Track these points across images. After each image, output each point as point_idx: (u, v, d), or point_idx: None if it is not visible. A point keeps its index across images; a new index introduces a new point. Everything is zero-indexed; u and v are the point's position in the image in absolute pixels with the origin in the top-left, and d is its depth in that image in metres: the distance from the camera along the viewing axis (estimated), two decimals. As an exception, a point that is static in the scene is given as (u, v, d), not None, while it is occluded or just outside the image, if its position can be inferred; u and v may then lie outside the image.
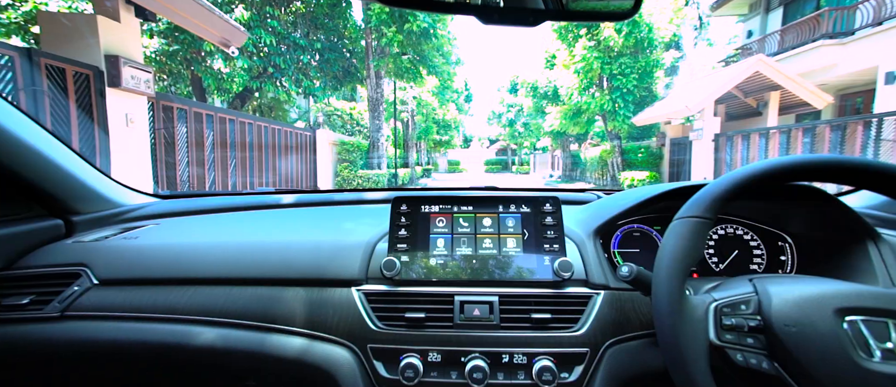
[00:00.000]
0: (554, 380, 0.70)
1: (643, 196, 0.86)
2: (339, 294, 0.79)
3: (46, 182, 0.88)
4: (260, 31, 9.24)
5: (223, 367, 0.79)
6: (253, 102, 12.20)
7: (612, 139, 15.73)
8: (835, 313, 0.53)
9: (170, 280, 0.82)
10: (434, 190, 1.26)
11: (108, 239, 0.91)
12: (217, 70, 10.21)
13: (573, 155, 22.43)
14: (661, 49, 14.29)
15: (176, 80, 10.53)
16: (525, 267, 0.80)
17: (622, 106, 14.27)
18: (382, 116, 13.13)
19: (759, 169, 0.61)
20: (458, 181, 24.17)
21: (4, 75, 3.38)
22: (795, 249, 0.89)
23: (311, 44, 10.79)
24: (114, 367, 0.81)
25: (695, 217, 0.60)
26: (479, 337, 0.74)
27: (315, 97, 12.22)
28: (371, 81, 12.54)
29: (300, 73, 10.71)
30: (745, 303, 0.58)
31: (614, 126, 15.10)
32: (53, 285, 0.80)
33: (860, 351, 0.51)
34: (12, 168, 0.81)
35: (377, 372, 0.73)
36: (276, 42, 9.67)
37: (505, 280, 0.79)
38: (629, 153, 15.74)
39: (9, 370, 0.82)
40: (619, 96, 14.16)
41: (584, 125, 17.18)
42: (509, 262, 0.81)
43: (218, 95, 11.55)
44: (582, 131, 18.23)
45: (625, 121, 14.81)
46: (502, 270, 0.80)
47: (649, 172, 14.01)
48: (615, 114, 14.41)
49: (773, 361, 0.54)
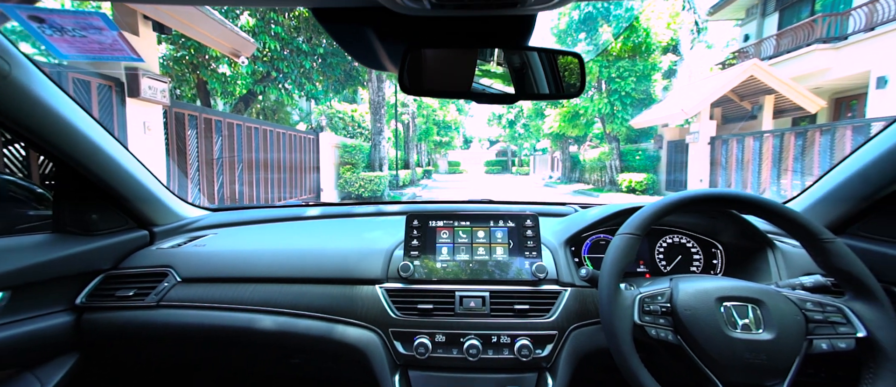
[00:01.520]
0: (530, 355, 0.93)
1: (603, 214, 1.09)
2: (366, 290, 1.02)
3: (139, 202, 1.11)
4: (264, 37, 9.48)
5: (277, 346, 1.03)
6: (256, 105, 12.44)
7: (611, 141, 15.94)
8: (715, 300, 0.76)
9: (234, 279, 1.05)
10: (439, 204, 1.49)
11: (182, 246, 1.14)
12: (221, 74, 10.45)
13: (573, 156, 22.64)
14: (658, 53, 14.51)
15: (180, 83, 10.78)
16: (510, 269, 1.03)
17: (620, 109, 14.49)
18: (384, 118, 13.34)
19: (669, 201, 0.85)
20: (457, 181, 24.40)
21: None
22: (724, 254, 1.12)
23: (314, 48, 11.02)
24: (198, 344, 1.05)
25: (628, 234, 0.83)
26: (474, 323, 0.96)
27: (317, 100, 12.46)
28: (372, 84, 12.77)
29: (303, 78, 10.95)
30: (661, 295, 0.81)
31: (612, 128, 15.32)
32: (149, 282, 1.04)
33: (728, 325, 0.74)
34: (119, 191, 1.04)
35: (397, 349, 0.96)
36: (279, 47, 9.91)
37: (494, 279, 1.02)
38: (627, 155, 15.95)
39: (124, 344, 1.06)
40: (617, 99, 14.38)
41: (582, 127, 17.39)
42: (498, 265, 1.04)
43: (222, 98, 11.78)
44: (581, 133, 18.44)
45: (623, 123, 15.04)
46: (492, 271, 1.03)
47: (646, 174, 14.21)
48: (613, 116, 14.62)
49: (676, 334, 0.77)
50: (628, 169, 15.57)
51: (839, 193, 1.01)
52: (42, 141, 0.85)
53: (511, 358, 0.94)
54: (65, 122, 0.86)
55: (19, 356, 0.90)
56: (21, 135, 0.82)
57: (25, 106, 0.79)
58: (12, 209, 0.97)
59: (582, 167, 21.10)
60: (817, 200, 1.07)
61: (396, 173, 15.79)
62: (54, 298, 0.96)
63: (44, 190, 1.16)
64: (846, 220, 1.01)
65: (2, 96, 0.75)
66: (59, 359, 0.97)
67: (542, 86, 0.75)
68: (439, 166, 37.50)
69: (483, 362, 0.94)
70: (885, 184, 0.91)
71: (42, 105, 0.81)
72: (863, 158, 0.95)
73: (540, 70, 0.75)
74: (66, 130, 0.87)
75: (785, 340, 0.72)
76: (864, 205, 0.96)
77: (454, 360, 0.94)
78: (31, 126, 0.82)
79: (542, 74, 0.75)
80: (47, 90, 0.82)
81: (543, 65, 0.75)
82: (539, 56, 0.74)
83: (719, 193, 0.85)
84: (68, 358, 0.98)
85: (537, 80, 0.76)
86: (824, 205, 1.05)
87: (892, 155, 0.88)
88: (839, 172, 1.01)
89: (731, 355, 0.72)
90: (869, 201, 0.95)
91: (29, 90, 0.78)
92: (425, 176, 24.42)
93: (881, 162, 0.91)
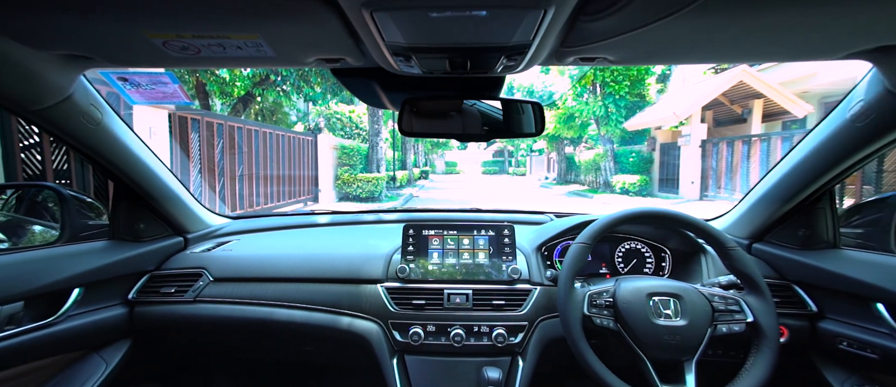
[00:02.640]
0: (505, 342, 1.14)
1: (569, 224, 1.30)
2: (369, 288, 1.22)
3: (177, 213, 1.31)
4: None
5: (294, 335, 1.23)
6: (255, 106, 12.57)
7: (605, 143, 16.18)
8: (646, 296, 0.97)
9: (258, 279, 1.25)
10: (431, 212, 1.70)
11: (212, 251, 1.34)
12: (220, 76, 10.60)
13: (568, 158, 22.89)
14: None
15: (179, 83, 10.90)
16: (490, 271, 1.23)
17: (614, 111, 14.71)
18: (381, 119, 13.50)
19: (615, 216, 1.06)
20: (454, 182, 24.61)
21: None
22: (671, 258, 1.33)
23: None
24: (227, 333, 1.25)
25: (581, 243, 1.04)
26: (459, 315, 1.17)
27: (314, 102, 12.60)
28: (371, 87, 12.93)
29: (301, 80, 11.11)
30: (606, 291, 1.01)
31: (607, 131, 15.57)
32: (186, 281, 1.24)
33: (654, 315, 0.95)
34: (163, 205, 1.24)
35: (395, 338, 1.16)
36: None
37: (476, 280, 1.22)
38: (621, 157, 16.19)
39: (167, 333, 1.26)
40: (612, 102, 14.61)
41: (577, 129, 17.61)
42: (479, 268, 1.24)
43: (220, 99, 11.92)
44: (576, 135, 18.66)
45: (617, 126, 15.27)
46: (475, 273, 1.23)
47: (640, 176, 14.46)
48: (608, 119, 14.84)
49: (617, 322, 0.97)
50: (623, 170, 15.81)
51: (757, 207, 1.22)
52: (112, 166, 1.06)
53: (489, 345, 1.14)
54: (130, 151, 1.06)
55: (90, 340, 1.10)
56: (99, 162, 1.03)
57: (108, 142, 1.00)
58: (77, 220, 1.16)
59: (577, 168, 21.34)
60: (742, 214, 1.28)
61: (393, 174, 15.96)
62: (113, 293, 1.16)
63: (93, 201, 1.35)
64: (763, 230, 1.23)
65: (96, 137, 0.96)
66: (117, 343, 1.16)
67: (510, 128, 0.96)
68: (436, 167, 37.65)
69: (466, 348, 1.14)
70: (787, 200, 1.12)
71: (119, 141, 1.02)
72: (773, 177, 1.16)
73: (509, 116, 0.96)
74: (130, 157, 1.07)
75: (695, 325, 0.93)
76: (775, 217, 1.18)
77: (442, 346, 1.15)
78: (110, 157, 1.03)
79: (510, 119, 0.96)
80: (120, 128, 1.03)
81: (511, 111, 0.96)
82: (508, 105, 0.95)
83: (653, 211, 1.07)
84: (124, 343, 1.18)
85: (507, 124, 0.96)
86: (747, 217, 1.26)
87: (790, 177, 1.09)
88: (758, 189, 1.22)
89: (656, 338, 0.93)
90: (778, 214, 1.17)
91: (111, 130, 0.99)
92: (422, 177, 24.60)
93: (784, 181, 1.12)
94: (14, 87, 0.77)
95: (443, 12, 0.58)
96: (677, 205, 11.59)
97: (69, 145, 0.97)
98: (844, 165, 0.97)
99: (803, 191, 1.06)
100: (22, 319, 0.93)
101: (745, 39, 0.68)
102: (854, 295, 1.00)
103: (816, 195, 1.08)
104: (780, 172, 1.12)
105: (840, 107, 0.94)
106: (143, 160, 1.11)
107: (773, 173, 1.15)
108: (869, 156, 0.93)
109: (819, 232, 1.12)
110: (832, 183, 1.04)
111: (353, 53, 0.75)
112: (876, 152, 0.93)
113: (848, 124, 0.91)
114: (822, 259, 1.08)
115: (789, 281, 1.14)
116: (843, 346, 1.01)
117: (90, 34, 0.67)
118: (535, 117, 0.95)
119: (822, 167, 0.99)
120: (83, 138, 0.95)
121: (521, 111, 0.95)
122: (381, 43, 0.67)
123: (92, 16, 0.59)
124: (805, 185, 1.05)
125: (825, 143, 0.98)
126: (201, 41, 0.66)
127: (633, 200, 13.22)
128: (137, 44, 0.67)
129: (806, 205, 1.11)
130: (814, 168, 1.02)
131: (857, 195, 7.48)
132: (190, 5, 0.56)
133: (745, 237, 1.29)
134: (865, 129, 0.88)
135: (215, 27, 0.62)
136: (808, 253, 1.12)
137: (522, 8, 0.56)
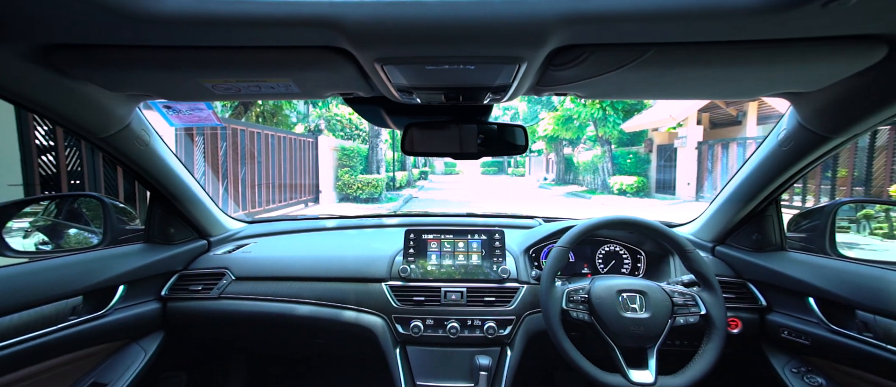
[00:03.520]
0: (495, 334, 1.29)
1: (553, 230, 1.46)
2: (375, 286, 1.37)
3: (202, 219, 1.46)
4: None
5: (308, 328, 1.38)
6: (256, 107, 12.72)
7: (603, 145, 16.34)
8: (616, 292, 1.12)
9: (275, 278, 1.40)
10: (430, 217, 1.86)
11: (233, 253, 1.49)
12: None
13: (567, 159, 23.04)
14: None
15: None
16: (482, 271, 1.39)
17: (612, 113, 14.87)
18: (381, 121, 13.63)
19: (591, 223, 1.21)
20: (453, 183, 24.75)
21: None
22: (646, 259, 1.49)
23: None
24: (249, 327, 1.40)
25: (560, 246, 1.19)
26: (455, 311, 1.32)
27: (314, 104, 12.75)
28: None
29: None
30: (582, 289, 1.17)
31: (604, 132, 15.73)
32: (212, 280, 1.39)
33: (623, 308, 1.10)
34: (191, 212, 1.40)
35: (397, 330, 1.31)
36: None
37: (470, 279, 1.37)
38: (619, 158, 16.35)
39: (195, 327, 1.42)
40: (609, 104, 14.76)
41: (575, 131, 17.76)
42: (473, 268, 1.39)
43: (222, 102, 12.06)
44: (574, 136, 18.81)
45: (614, 127, 15.43)
46: (468, 273, 1.38)
47: (637, 178, 14.62)
48: (605, 120, 15.00)
49: (591, 315, 1.13)
50: (620, 172, 15.96)
51: (717, 215, 1.38)
52: (154, 179, 1.21)
53: (481, 336, 1.30)
54: (167, 165, 1.21)
55: (131, 331, 1.25)
56: (143, 176, 1.19)
57: (153, 159, 1.16)
58: (117, 224, 1.31)
59: (576, 169, 21.50)
60: (707, 220, 1.44)
61: (393, 175, 16.10)
62: (148, 290, 1.31)
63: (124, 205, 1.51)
64: (724, 234, 1.38)
65: (144, 156, 1.12)
66: (152, 334, 1.32)
67: (500, 147, 1.12)
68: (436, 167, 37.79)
69: (461, 339, 1.30)
70: (740, 208, 1.28)
71: (160, 157, 1.18)
72: (730, 189, 1.31)
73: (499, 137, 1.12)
74: (168, 170, 1.23)
75: (657, 317, 1.09)
76: (732, 223, 1.34)
77: (440, 337, 1.30)
78: (153, 172, 1.19)
79: (500, 139, 1.12)
80: (161, 146, 1.18)
81: (501, 133, 1.11)
82: (499, 128, 1.10)
83: (625, 218, 1.22)
84: (158, 334, 1.33)
85: (496, 143, 1.12)
86: (711, 223, 1.42)
87: (742, 189, 1.25)
88: (719, 198, 1.38)
89: (623, 328, 1.08)
90: (734, 221, 1.32)
91: (155, 149, 1.15)
92: (422, 177, 24.75)
93: (737, 192, 1.27)
94: (88, 119, 0.93)
95: (439, 66, 0.74)
96: (673, 206, 11.76)
97: (122, 164, 1.13)
98: (779, 182, 1.13)
99: (752, 201, 1.22)
100: (82, 311, 1.09)
101: (687, 85, 0.84)
102: (793, 291, 1.15)
103: (764, 204, 1.23)
104: (734, 184, 1.27)
105: (773, 131, 1.10)
106: (176, 172, 1.26)
107: (729, 185, 1.31)
108: (795, 175, 1.10)
109: (768, 236, 1.27)
110: (774, 194, 1.19)
111: (364, 89, 0.90)
112: (799, 172, 1.10)
113: (777, 148, 1.07)
114: (771, 260, 1.24)
115: (744, 279, 1.30)
116: (784, 335, 1.16)
117: (157, 82, 0.83)
118: (521, 138, 1.11)
119: (764, 181, 1.15)
120: (135, 158, 1.11)
121: (509, 133, 1.10)
122: (388, 84, 0.83)
123: (162, 70, 0.75)
124: (753, 195, 1.21)
125: (765, 160, 1.14)
126: (243, 83, 0.82)
127: (630, 201, 13.39)
128: (192, 87, 0.83)
129: (757, 213, 1.27)
130: (758, 181, 1.18)
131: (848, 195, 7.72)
132: (242, 61, 0.72)
133: (710, 241, 1.45)
134: (788, 152, 1.04)
135: (257, 75, 0.78)
136: (759, 255, 1.28)
137: (502, 63, 0.72)
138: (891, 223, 1.63)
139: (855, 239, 1.19)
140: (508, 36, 0.63)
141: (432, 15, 0.59)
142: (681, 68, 0.75)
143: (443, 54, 0.69)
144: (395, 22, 0.60)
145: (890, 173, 7.05)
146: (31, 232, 1.29)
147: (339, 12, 0.59)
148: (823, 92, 0.83)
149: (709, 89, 0.90)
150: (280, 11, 0.59)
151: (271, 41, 0.67)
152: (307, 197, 11.06)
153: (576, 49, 0.70)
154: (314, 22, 0.60)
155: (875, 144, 7.30)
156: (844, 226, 1.36)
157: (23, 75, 0.74)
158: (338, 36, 0.64)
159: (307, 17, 0.60)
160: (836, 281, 1.06)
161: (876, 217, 1.50)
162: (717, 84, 0.84)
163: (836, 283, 1.05)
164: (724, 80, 0.81)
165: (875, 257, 1.08)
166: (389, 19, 0.60)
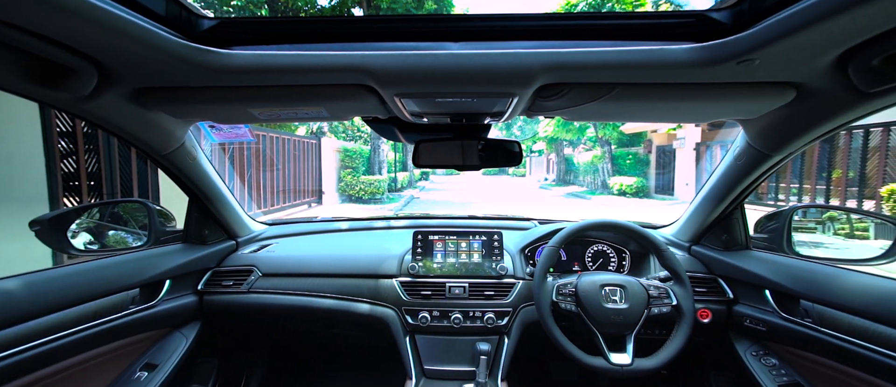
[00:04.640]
0: (494, 323, 1.46)
1: (546, 231, 1.62)
2: (387, 282, 1.54)
3: (232, 222, 1.63)
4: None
5: (327, 319, 1.55)
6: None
7: (603, 145, 16.50)
8: (599, 286, 1.29)
9: (297, 274, 1.57)
10: (435, 219, 2.03)
11: (258, 252, 1.66)
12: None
13: (567, 159, 23.19)
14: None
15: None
16: (482, 268, 1.55)
17: (611, 114, 15.03)
18: (383, 123, 13.78)
19: (578, 225, 1.38)
20: (453, 184, 24.91)
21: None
22: (630, 258, 1.66)
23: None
24: (274, 318, 1.58)
25: (551, 246, 1.36)
26: (458, 303, 1.49)
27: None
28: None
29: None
30: (570, 283, 1.33)
31: (604, 133, 15.88)
32: (241, 276, 1.56)
33: (605, 301, 1.27)
34: (224, 215, 1.57)
35: (407, 320, 1.48)
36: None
37: (472, 275, 1.54)
38: (619, 159, 16.50)
39: (227, 318, 1.59)
40: (609, 105, 14.90)
41: (576, 131, 17.93)
42: (474, 266, 1.56)
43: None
44: (575, 137, 19.00)
45: (614, 128, 15.59)
46: (470, 270, 1.55)
47: (636, 178, 14.78)
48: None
49: (577, 306, 1.29)
50: (620, 172, 16.10)
51: (693, 217, 1.55)
52: (196, 188, 1.39)
53: (481, 326, 1.46)
54: (207, 174, 1.39)
55: (174, 320, 1.42)
56: (187, 185, 1.37)
57: (197, 170, 1.34)
58: (159, 227, 1.48)
59: (576, 170, 21.65)
60: (684, 222, 1.61)
61: (394, 176, 16.28)
62: (188, 285, 1.48)
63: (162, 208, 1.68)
64: (698, 235, 1.55)
65: (192, 168, 1.30)
66: (192, 324, 1.49)
67: (497, 160, 1.29)
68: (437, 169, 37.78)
69: (463, 328, 1.46)
70: (710, 212, 1.44)
71: (203, 169, 1.35)
72: (702, 194, 1.48)
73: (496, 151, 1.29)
74: (207, 179, 1.40)
75: (635, 308, 1.25)
76: (705, 225, 1.50)
77: (445, 327, 1.47)
78: (197, 181, 1.37)
79: (497, 153, 1.29)
80: (203, 158, 1.36)
81: (498, 148, 1.28)
82: (496, 143, 1.27)
83: (608, 222, 1.39)
84: (196, 324, 1.50)
85: (494, 157, 1.29)
86: (688, 225, 1.59)
87: (711, 194, 1.41)
88: (693, 203, 1.54)
89: (605, 317, 1.25)
90: (707, 223, 1.49)
91: (200, 162, 1.32)
92: (422, 178, 24.93)
93: (707, 198, 1.44)
94: (154, 140, 1.10)
95: (446, 98, 0.91)
96: (672, 206, 11.91)
97: (172, 175, 1.31)
98: (737, 191, 1.30)
99: (719, 205, 1.39)
100: (139, 301, 1.26)
101: (652, 113, 1.02)
102: (754, 285, 1.32)
103: (730, 209, 1.40)
104: (705, 191, 1.44)
105: (733, 145, 1.26)
106: (214, 181, 1.43)
107: (701, 191, 1.48)
108: (751, 185, 1.27)
109: (735, 237, 1.44)
110: (738, 200, 1.36)
111: (382, 113, 1.07)
112: (753, 183, 1.27)
113: (733, 161, 1.24)
114: (737, 258, 1.40)
115: (715, 275, 1.47)
116: (747, 323, 1.33)
117: (217, 111, 1.00)
118: (515, 152, 1.28)
119: (727, 189, 1.32)
120: (185, 171, 1.29)
121: (505, 147, 1.27)
122: (403, 110, 1.00)
123: (222, 103, 0.92)
124: (719, 201, 1.38)
125: (726, 171, 1.31)
126: (284, 111, 0.99)
127: (630, 202, 13.54)
128: (242, 114, 1.00)
129: (725, 216, 1.43)
130: (722, 189, 1.34)
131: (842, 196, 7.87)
132: (288, 97, 0.89)
133: (687, 241, 1.61)
134: (741, 166, 1.21)
135: (297, 105, 0.95)
136: (728, 253, 1.44)
137: (497, 97, 0.89)
138: (851, 225, 1.81)
139: (813, 238, 1.36)
140: (503, 79, 0.80)
141: (442, 64, 0.77)
142: (644, 102, 0.92)
143: (449, 91, 0.86)
144: (412, 70, 0.78)
145: (883, 175, 7.20)
146: (85, 233, 1.46)
147: (369, 62, 0.77)
148: (762, 118, 1.01)
149: (670, 116, 1.08)
150: (323, 61, 0.77)
151: (313, 82, 0.85)
152: (310, 198, 11.23)
153: (557, 86, 0.87)
154: (350, 69, 0.78)
155: (868, 146, 7.46)
156: (809, 227, 1.53)
157: (117, 110, 0.92)
158: (366, 77, 0.81)
159: (344, 65, 0.77)
160: (786, 276, 1.23)
161: (838, 219, 1.67)
162: (676, 113, 1.02)
163: (787, 277, 1.22)
164: (682, 110, 0.98)
165: (821, 255, 1.26)
166: (408, 67, 0.77)
